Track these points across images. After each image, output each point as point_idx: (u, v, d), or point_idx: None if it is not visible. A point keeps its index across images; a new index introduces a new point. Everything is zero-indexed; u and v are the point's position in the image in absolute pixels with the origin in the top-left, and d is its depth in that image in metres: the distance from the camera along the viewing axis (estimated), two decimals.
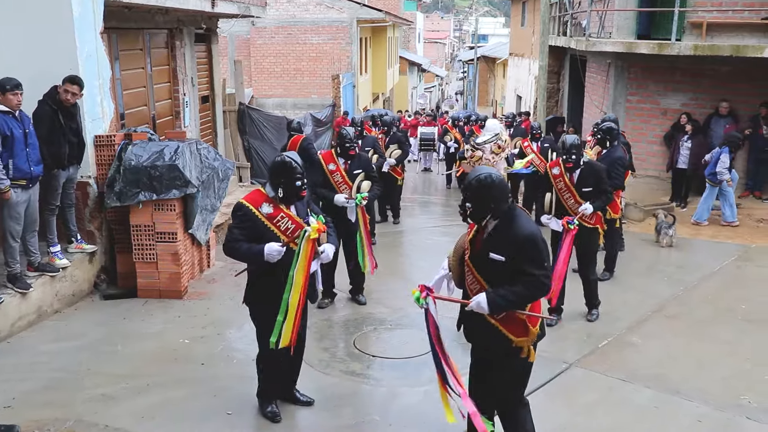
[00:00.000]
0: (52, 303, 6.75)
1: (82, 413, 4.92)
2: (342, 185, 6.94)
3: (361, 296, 7.34)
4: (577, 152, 6.49)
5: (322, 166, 7.01)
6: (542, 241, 3.83)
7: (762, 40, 10.79)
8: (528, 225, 3.83)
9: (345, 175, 6.95)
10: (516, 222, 3.82)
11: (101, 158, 7.40)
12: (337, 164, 6.96)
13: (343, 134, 6.98)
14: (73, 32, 6.97)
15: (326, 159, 7.05)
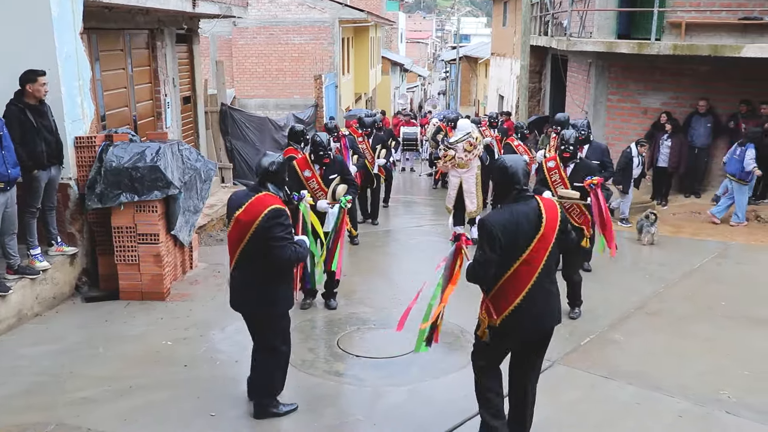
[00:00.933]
0: (33, 306, 6.69)
1: (64, 417, 4.88)
2: (318, 192, 6.92)
3: (333, 301, 7.24)
4: (575, 146, 6.90)
5: (297, 173, 6.95)
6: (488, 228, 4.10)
7: (739, 39, 10.91)
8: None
9: (321, 182, 6.93)
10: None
11: (82, 160, 7.35)
12: (313, 170, 6.94)
13: (317, 141, 6.91)
14: (51, 33, 6.91)
15: (301, 166, 7.00)
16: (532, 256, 4.12)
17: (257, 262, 4.63)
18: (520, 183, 4.20)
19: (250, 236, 4.56)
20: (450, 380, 5.62)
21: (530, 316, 4.17)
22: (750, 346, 6.23)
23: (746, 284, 7.93)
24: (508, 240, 4.07)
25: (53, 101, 6.90)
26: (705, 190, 12.09)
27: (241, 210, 4.58)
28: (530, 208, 4.17)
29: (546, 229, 4.13)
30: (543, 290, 4.20)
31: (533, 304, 4.15)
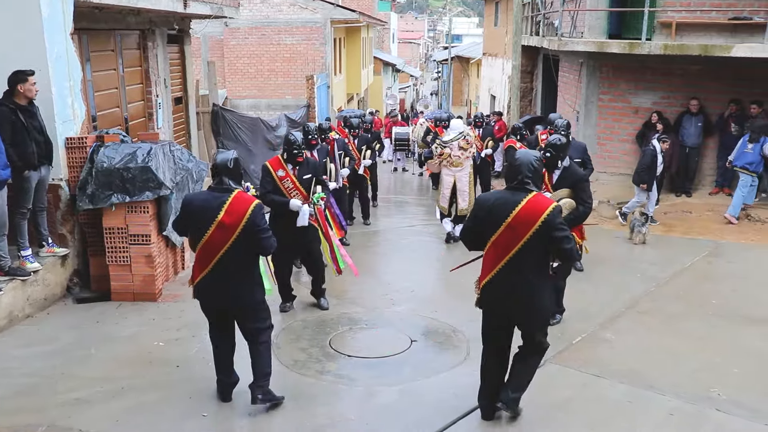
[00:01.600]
0: (24, 307, 6.67)
1: (56, 418, 4.87)
2: (293, 191, 6.80)
3: (323, 300, 7.23)
4: (553, 152, 6.25)
5: (270, 173, 6.83)
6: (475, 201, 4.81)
7: (729, 39, 10.96)
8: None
9: (296, 181, 6.81)
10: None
11: (73, 160, 7.32)
12: (286, 170, 6.80)
13: (291, 140, 6.77)
14: (42, 33, 6.89)
15: (274, 166, 6.85)
16: (500, 242, 4.45)
17: (242, 257, 4.79)
18: (520, 175, 4.47)
19: (239, 234, 4.69)
20: (441, 379, 5.63)
21: (496, 298, 4.60)
22: (741, 345, 6.27)
23: (737, 283, 7.96)
24: (482, 218, 4.53)
25: (44, 102, 6.87)
26: (696, 189, 12.15)
27: (222, 213, 4.67)
28: (512, 199, 4.44)
29: (514, 222, 4.37)
30: (508, 280, 4.49)
31: (498, 288, 4.55)
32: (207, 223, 4.70)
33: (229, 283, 4.83)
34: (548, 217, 4.35)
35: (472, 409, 5.08)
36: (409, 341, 6.36)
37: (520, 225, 4.36)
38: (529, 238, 4.36)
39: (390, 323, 6.85)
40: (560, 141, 6.39)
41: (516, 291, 4.51)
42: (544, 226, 4.34)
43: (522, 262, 4.44)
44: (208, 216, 4.70)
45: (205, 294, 4.94)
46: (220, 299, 4.91)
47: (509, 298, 4.54)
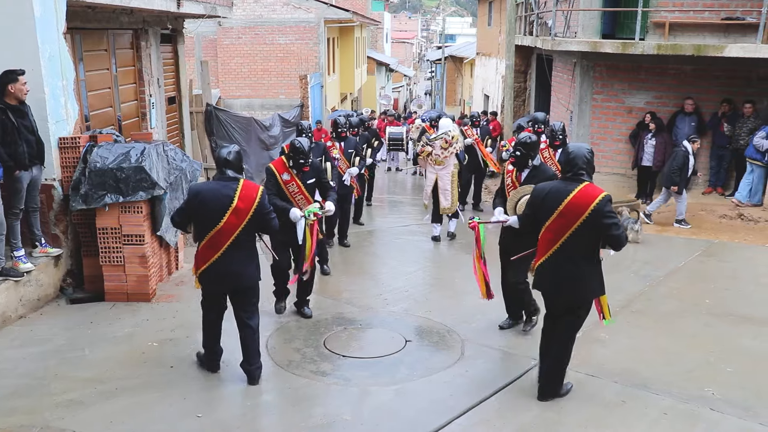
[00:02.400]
0: (17, 308, 6.64)
1: (50, 419, 4.85)
2: (298, 195, 6.76)
3: (306, 309, 7.03)
4: (523, 150, 6.21)
5: (275, 176, 6.74)
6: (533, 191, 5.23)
7: (722, 39, 11.01)
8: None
9: (301, 186, 6.76)
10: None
11: (66, 160, 7.30)
12: (291, 174, 6.72)
13: (297, 147, 6.65)
14: (34, 33, 6.85)
15: (279, 169, 6.75)
16: (553, 228, 4.86)
17: (250, 239, 5.29)
18: (575, 167, 4.83)
19: (250, 217, 5.13)
20: (437, 379, 5.63)
21: (547, 280, 5.01)
22: (734, 344, 6.29)
23: (730, 282, 7.99)
24: (537, 206, 5.00)
25: (36, 101, 6.85)
26: (689, 189, 12.15)
27: (236, 200, 5.07)
28: (565, 189, 4.82)
29: (565, 210, 4.76)
30: (559, 263, 4.89)
31: (549, 271, 4.96)
32: (222, 211, 5.07)
33: (238, 265, 5.21)
34: (597, 206, 4.68)
35: (467, 408, 5.09)
36: (403, 341, 6.36)
37: (571, 213, 4.73)
38: (579, 225, 4.73)
39: (384, 323, 6.85)
40: (530, 139, 6.27)
41: (565, 273, 4.89)
42: (594, 214, 4.68)
43: (572, 247, 4.82)
44: (222, 203, 5.07)
45: (216, 277, 5.24)
46: (226, 282, 5.28)
47: (559, 280, 4.93)
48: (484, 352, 6.13)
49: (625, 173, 12.75)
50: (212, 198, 5.09)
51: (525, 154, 6.23)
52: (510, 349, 6.19)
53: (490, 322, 6.71)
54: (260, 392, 5.38)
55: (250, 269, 5.28)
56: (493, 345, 6.24)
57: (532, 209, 5.10)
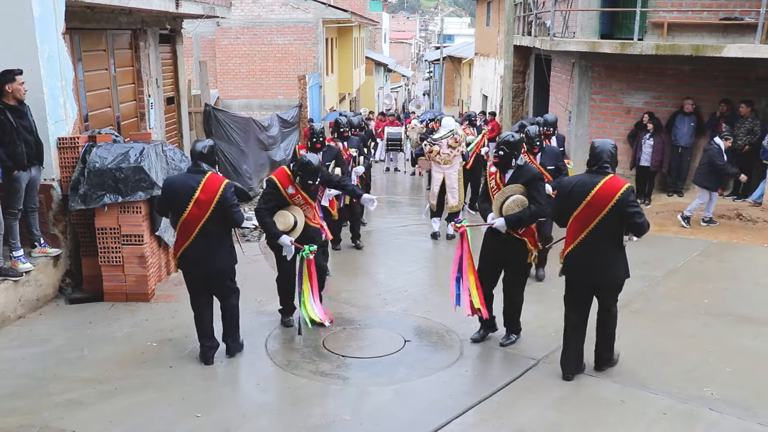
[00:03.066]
0: (16, 308, 6.64)
1: (49, 419, 4.85)
2: (305, 206, 6.46)
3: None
4: (507, 150, 5.87)
5: (279, 190, 6.32)
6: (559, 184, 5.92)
7: (721, 39, 11.01)
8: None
9: (307, 198, 6.41)
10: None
11: (65, 161, 7.30)
12: (296, 187, 6.31)
13: (305, 165, 6.20)
14: (33, 33, 6.86)
15: (282, 182, 6.32)
16: (580, 217, 5.23)
17: (218, 229, 5.58)
18: (600, 161, 5.23)
19: (213, 208, 5.47)
20: (436, 379, 5.63)
21: (577, 265, 5.35)
22: (733, 344, 6.29)
23: (729, 282, 8.00)
24: (564, 197, 5.36)
25: (35, 102, 6.85)
26: (688, 189, 12.19)
27: (198, 191, 5.44)
28: (591, 181, 5.21)
29: (593, 200, 5.15)
30: (587, 250, 5.27)
31: (580, 256, 5.31)
32: (186, 201, 5.45)
33: (207, 251, 5.57)
34: (622, 196, 5.08)
35: (467, 408, 5.10)
36: (402, 341, 6.37)
37: (598, 203, 5.13)
38: (605, 214, 5.12)
39: (383, 323, 6.85)
40: (513, 138, 5.98)
41: (594, 259, 5.28)
42: (619, 203, 5.08)
43: (599, 235, 5.20)
44: (187, 194, 5.46)
45: (188, 263, 5.66)
46: (200, 266, 5.63)
47: (588, 265, 5.31)
48: (483, 351, 6.13)
49: (623, 173, 12.72)
50: (179, 189, 5.51)
51: (508, 154, 5.95)
52: (509, 349, 6.19)
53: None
54: (259, 392, 5.38)
55: (220, 256, 5.65)
56: (492, 345, 6.24)
57: (559, 201, 5.47)
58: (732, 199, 11.67)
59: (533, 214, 5.83)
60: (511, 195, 5.89)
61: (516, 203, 5.85)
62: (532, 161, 7.53)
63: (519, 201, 5.87)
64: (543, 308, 7.16)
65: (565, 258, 5.44)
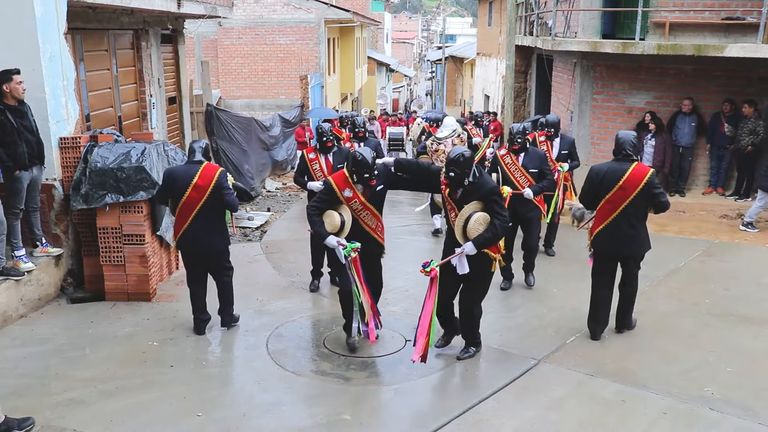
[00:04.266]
0: (18, 307, 6.66)
1: (50, 418, 4.87)
2: (363, 212, 6.05)
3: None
4: (457, 170, 5.46)
5: (333, 190, 5.94)
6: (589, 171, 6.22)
7: (722, 39, 11.00)
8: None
9: (365, 202, 6.00)
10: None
11: (66, 160, 7.31)
12: (355, 190, 5.93)
13: (358, 159, 5.83)
14: (35, 33, 6.87)
15: (339, 184, 5.94)
16: (612, 199, 5.97)
17: (213, 213, 6.15)
18: (624, 150, 5.97)
19: (209, 194, 6.06)
20: (436, 379, 5.65)
21: (609, 240, 6.09)
22: (734, 343, 6.29)
23: (730, 282, 7.99)
24: (596, 183, 6.07)
25: (37, 101, 6.87)
26: (689, 189, 12.19)
27: (196, 178, 6.04)
28: (620, 168, 5.96)
29: (624, 184, 5.89)
30: (618, 226, 6.03)
31: (610, 232, 6.06)
32: (186, 186, 6.05)
33: (203, 233, 6.15)
34: (648, 180, 5.87)
35: (467, 408, 5.10)
36: (403, 341, 6.37)
37: (629, 186, 5.89)
38: (635, 195, 5.89)
39: (384, 323, 6.84)
40: (463, 157, 5.47)
41: (623, 233, 6.03)
42: (646, 186, 5.87)
43: (629, 213, 5.97)
44: (186, 181, 6.06)
45: (186, 243, 6.24)
46: (196, 246, 6.22)
47: (618, 239, 6.06)
48: (484, 351, 6.12)
49: None
50: (180, 176, 6.11)
51: (459, 175, 5.52)
52: (509, 349, 6.19)
53: (489, 321, 6.71)
54: (260, 392, 5.39)
55: (214, 238, 6.24)
56: (492, 344, 6.24)
57: (591, 187, 6.14)
58: (734, 199, 11.66)
59: (502, 229, 5.55)
60: (472, 214, 5.53)
61: (479, 222, 5.51)
62: (515, 162, 7.55)
63: (482, 219, 5.52)
64: (543, 308, 7.17)
65: (597, 234, 6.15)
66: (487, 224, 5.53)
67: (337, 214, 5.92)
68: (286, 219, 12.01)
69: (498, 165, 7.67)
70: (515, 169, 7.59)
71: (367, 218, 6.10)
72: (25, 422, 4.66)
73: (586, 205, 6.37)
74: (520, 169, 7.57)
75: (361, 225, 6.08)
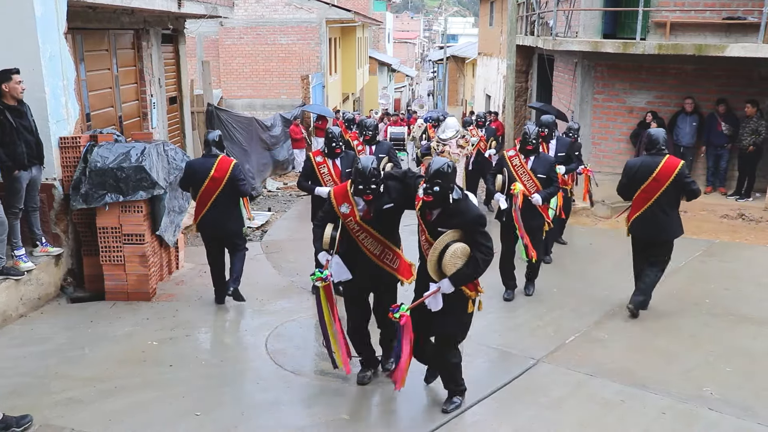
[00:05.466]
0: (17, 307, 6.66)
1: (49, 417, 4.87)
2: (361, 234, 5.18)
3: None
4: (443, 184, 4.56)
5: (332, 205, 5.21)
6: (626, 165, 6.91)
7: (723, 39, 11.01)
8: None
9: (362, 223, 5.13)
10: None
11: (66, 160, 7.31)
12: (352, 204, 5.11)
13: (360, 169, 4.98)
14: (35, 33, 6.87)
15: (337, 197, 5.21)
16: (647, 189, 6.61)
17: (228, 200, 6.89)
18: (658, 145, 6.58)
19: (225, 184, 6.81)
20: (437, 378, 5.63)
21: (645, 226, 6.75)
22: (733, 343, 6.28)
23: (730, 282, 7.98)
24: (632, 176, 6.72)
25: (37, 101, 6.87)
26: None
27: (213, 170, 6.78)
28: (653, 161, 6.57)
29: (658, 176, 6.52)
30: (653, 213, 6.66)
31: (645, 219, 6.71)
32: (204, 178, 6.79)
33: (219, 217, 6.90)
34: (680, 171, 6.50)
35: (466, 407, 5.10)
36: None
37: (662, 177, 6.51)
38: (668, 185, 6.51)
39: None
40: (449, 168, 4.64)
41: (657, 220, 6.66)
42: (678, 176, 6.50)
43: (662, 202, 6.60)
44: (204, 173, 6.81)
45: (205, 226, 7.01)
46: (214, 229, 6.99)
47: (653, 225, 6.70)
48: (483, 351, 6.12)
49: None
50: (198, 169, 6.88)
51: (445, 190, 4.61)
52: (509, 349, 6.19)
53: (489, 321, 6.71)
54: (259, 391, 5.39)
55: (229, 221, 6.99)
56: (492, 344, 6.24)
57: (627, 179, 6.76)
58: (735, 199, 11.64)
59: (484, 264, 4.65)
60: (449, 245, 4.61)
61: (456, 255, 4.58)
62: (523, 165, 7.24)
63: (460, 251, 4.59)
64: (543, 308, 7.17)
65: (634, 221, 6.80)
66: (466, 257, 4.61)
67: (330, 228, 5.17)
68: (286, 219, 12.02)
69: (505, 166, 7.24)
70: (523, 172, 7.17)
71: (368, 242, 5.17)
72: (23, 420, 4.68)
73: (624, 195, 6.96)
74: (528, 173, 7.16)
75: (360, 249, 5.20)
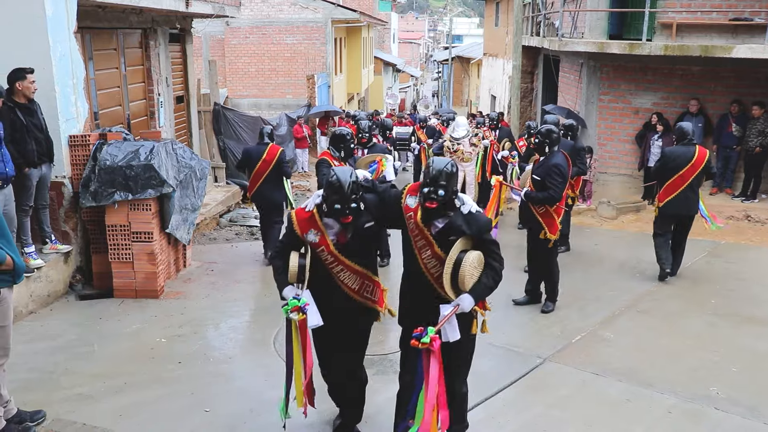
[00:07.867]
0: (27, 304, 6.71)
1: (60, 412, 4.91)
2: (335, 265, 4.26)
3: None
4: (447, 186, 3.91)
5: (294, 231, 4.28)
6: (663, 153, 8.20)
7: (730, 40, 11.01)
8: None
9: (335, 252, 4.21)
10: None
11: (76, 158, 7.36)
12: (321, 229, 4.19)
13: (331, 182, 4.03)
14: (46, 32, 6.93)
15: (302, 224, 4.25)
16: (684, 175, 7.69)
17: (274, 178, 8.60)
18: (687, 136, 7.74)
19: (273, 165, 8.51)
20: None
21: (677, 206, 7.84)
22: (739, 344, 6.30)
23: (736, 283, 8.00)
24: (669, 161, 7.78)
25: (47, 100, 6.92)
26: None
27: (265, 154, 8.51)
28: (689, 150, 7.70)
29: (695, 162, 7.64)
30: (686, 194, 7.76)
31: (680, 200, 7.79)
32: (257, 160, 8.54)
33: (267, 191, 8.63)
34: (708, 158, 7.74)
35: (472, 406, 5.10)
36: None
37: (697, 164, 7.65)
38: (700, 171, 7.68)
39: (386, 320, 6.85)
40: (452, 167, 4.04)
41: (688, 198, 7.79)
42: (707, 164, 7.74)
43: (693, 184, 7.73)
44: (257, 157, 8.56)
45: (258, 198, 8.75)
46: (263, 199, 8.70)
47: (685, 203, 7.80)
48: (488, 349, 6.13)
49: (632, 174, 12.75)
50: (253, 153, 8.68)
51: (449, 194, 3.99)
52: (514, 347, 6.21)
53: (494, 319, 6.70)
54: (267, 388, 5.42)
55: (275, 195, 8.71)
56: (497, 343, 6.25)
57: (665, 166, 7.82)
58: (740, 200, 11.65)
59: (499, 275, 4.12)
60: (465, 255, 3.98)
61: (474, 266, 3.99)
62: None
63: (477, 261, 4.02)
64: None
65: (669, 201, 7.79)
66: (482, 267, 4.07)
67: (296, 257, 4.28)
68: None
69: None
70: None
71: (345, 276, 4.29)
72: (36, 415, 4.74)
73: (659, 179, 7.97)
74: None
75: (335, 284, 4.31)
